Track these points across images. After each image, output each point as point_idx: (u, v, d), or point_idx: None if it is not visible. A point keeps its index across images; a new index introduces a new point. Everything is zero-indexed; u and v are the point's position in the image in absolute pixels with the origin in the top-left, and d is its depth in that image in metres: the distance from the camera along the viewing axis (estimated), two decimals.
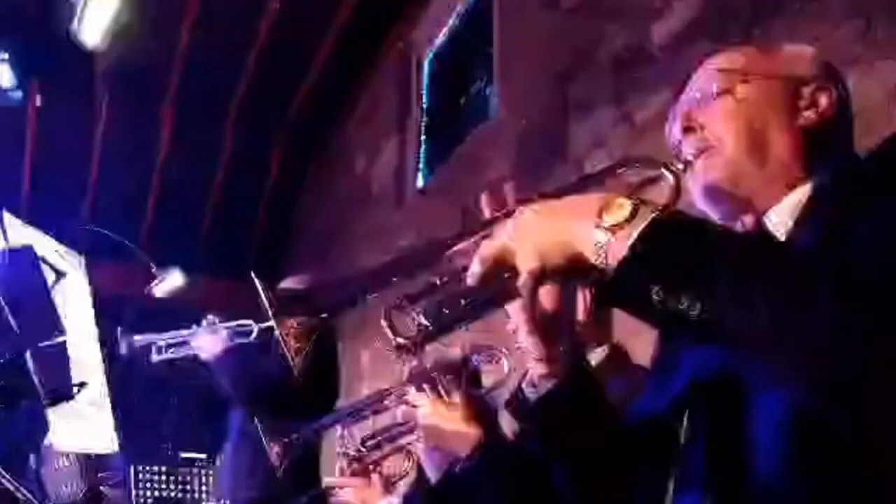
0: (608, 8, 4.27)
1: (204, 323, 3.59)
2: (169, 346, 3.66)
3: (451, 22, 6.47)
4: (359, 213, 7.26)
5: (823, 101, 1.23)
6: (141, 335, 3.68)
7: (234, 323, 3.61)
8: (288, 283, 3.28)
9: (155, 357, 3.66)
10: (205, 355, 3.50)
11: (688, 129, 1.25)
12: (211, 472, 4.37)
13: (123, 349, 3.63)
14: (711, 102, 1.24)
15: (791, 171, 1.19)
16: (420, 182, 6.66)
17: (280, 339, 1.11)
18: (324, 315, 1.15)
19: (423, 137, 6.73)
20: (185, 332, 3.64)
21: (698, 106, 1.26)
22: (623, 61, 4.03)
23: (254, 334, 3.62)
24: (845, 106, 1.27)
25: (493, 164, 5.22)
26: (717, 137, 1.22)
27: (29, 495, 1.78)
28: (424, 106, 6.78)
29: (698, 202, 1.24)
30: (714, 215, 1.24)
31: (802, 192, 1.17)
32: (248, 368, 3.41)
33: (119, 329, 3.64)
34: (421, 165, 6.69)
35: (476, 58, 6.04)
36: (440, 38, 6.63)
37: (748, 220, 1.22)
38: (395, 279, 1.14)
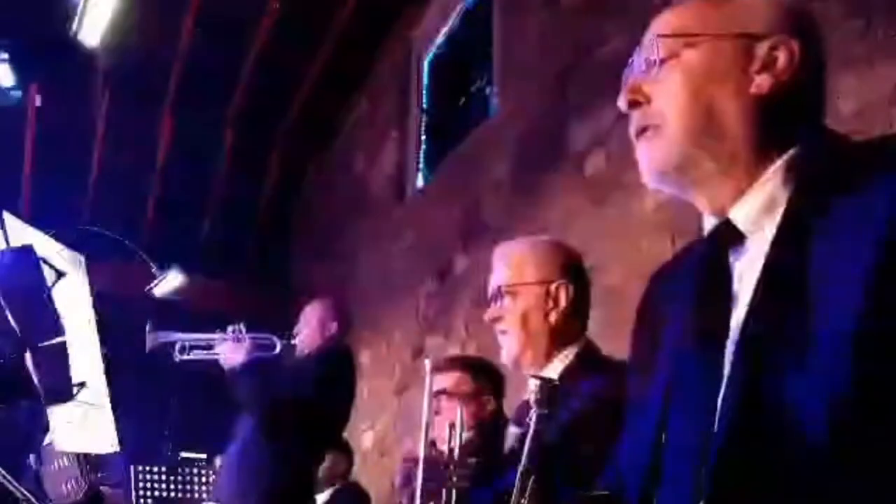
0: (608, 8, 4.27)
1: (229, 330, 3.63)
2: (192, 347, 3.72)
3: (451, 22, 6.47)
4: (359, 213, 7.26)
5: (781, 60, 1.03)
6: (168, 331, 3.73)
7: (258, 335, 3.65)
8: None
9: (178, 356, 3.72)
10: (225, 362, 3.53)
11: (633, 104, 1.09)
12: (211, 471, 4.37)
13: (149, 345, 3.68)
14: (656, 72, 1.08)
15: (746, 153, 1.03)
16: (420, 182, 6.66)
17: None
18: None
19: (423, 137, 6.73)
20: (210, 335, 3.68)
21: (644, 76, 1.10)
22: (623, 61, 4.02)
23: (276, 349, 3.69)
24: (813, 63, 1.06)
25: (493, 164, 5.22)
26: (660, 113, 1.06)
27: (29, 495, 1.78)
28: (424, 106, 6.78)
29: (648, 184, 1.10)
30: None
31: (767, 186, 1.01)
32: (265, 382, 3.44)
33: (148, 324, 3.70)
34: (421, 165, 6.69)
35: (476, 58, 6.04)
36: (440, 38, 6.63)
37: (706, 207, 1.07)
38: None
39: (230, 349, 3.54)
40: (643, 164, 1.08)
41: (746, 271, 1.00)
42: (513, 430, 1.87)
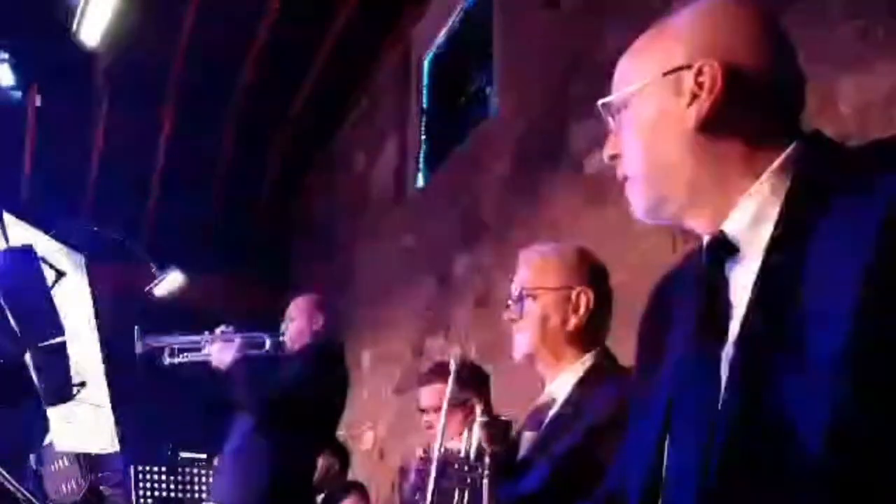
0: (608, 8, 4.26)
1: (218, 331, 3.63)
2: (182, 349, 3.72)
3: (451, 22, 6.47)
4: (359, 213, 7.26)
5: (707, 85, 1.03)
6: (156, 336, 3.73)
7: (247, 334, 3.66)
8: None
9: (168, 359, 3.72)
10: (216, 363, 3.54)
11: (612, 157, 1.16)
12: (211, 471, 4.37)
13: (139, 349, 3.69)
14: (616, 125, 1.14)
15: (713, 179, 1.04)
16: (420, 182, 6.66)
17: None
18: None
19: (423, 137, 6.73)
20: (199, 337, 3.68)
21: (613, 131, 1.15)
22: None
23: (266, 346, 3.70)
24: (750, 72, 1.04)
25: (492, 164, 5.23)
26: (629, 166, 1.12)
27: (29, 495, 1.78)
28: (424, 106, 6.78)
29: None
30: None
31: (755, 197, 1.02)
32: (258, 380, 3.44)
33: (137, 328, 3.69)
34: (421, 165, 6.70)
35: (476, 58, 6.04)
36: (440, 38, 6.63)
37: (699, 229, 1.09)
38: None
39: (220, 350, 3.55)
40: (632, 207, 1.15)
41: (742, 280, 1.01)
42: (528, 435, 1.87)
